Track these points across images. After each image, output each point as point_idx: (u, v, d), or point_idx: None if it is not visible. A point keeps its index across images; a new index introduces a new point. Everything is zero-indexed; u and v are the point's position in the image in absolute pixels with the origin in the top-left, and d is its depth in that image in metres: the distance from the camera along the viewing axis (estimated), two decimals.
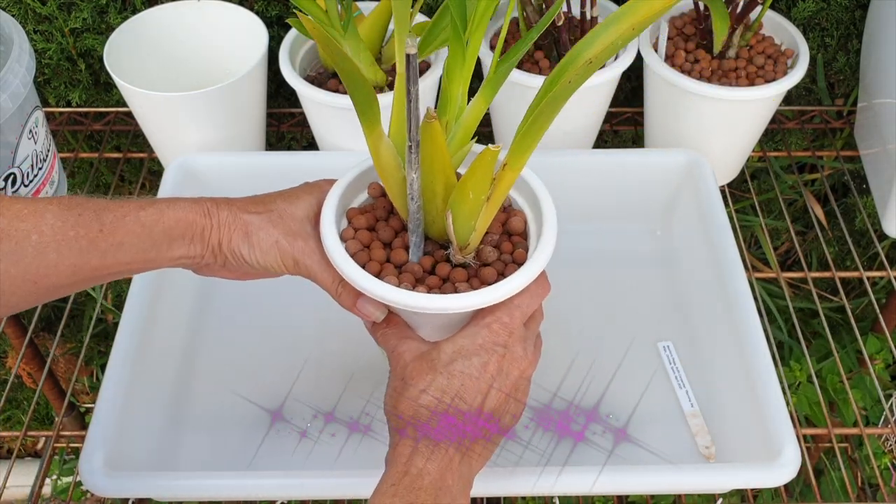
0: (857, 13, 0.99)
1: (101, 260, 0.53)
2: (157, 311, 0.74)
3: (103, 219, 0.53)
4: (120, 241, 0.53)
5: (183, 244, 0.56)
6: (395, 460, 0.52)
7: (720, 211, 0.79)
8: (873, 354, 1.00)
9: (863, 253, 1.15)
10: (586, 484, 0.63)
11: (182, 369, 0.75)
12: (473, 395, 0.53)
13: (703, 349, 0.76)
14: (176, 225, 0.55)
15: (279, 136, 1.08)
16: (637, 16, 0.46)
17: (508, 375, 0.55)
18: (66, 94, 1.04)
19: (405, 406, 0.53)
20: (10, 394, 1.39)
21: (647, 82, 0.92)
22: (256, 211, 0.58)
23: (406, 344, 0.56)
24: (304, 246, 0.57)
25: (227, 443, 0.71)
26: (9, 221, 0.50)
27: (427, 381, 0.53)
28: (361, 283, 0.54)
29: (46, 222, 0.51)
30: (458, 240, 0.56)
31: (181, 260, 0.57)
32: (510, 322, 0.55)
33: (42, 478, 0.82)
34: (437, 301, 0.53)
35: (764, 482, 0.63)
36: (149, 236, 0.54)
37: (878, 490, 1.07)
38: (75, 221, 0.52)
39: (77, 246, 0.52)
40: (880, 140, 0.90)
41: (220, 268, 0.59)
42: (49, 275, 0.51)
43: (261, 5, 0.98)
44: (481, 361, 0.54)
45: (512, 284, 0.54)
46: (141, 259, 0.55)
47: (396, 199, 0.57)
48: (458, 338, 0.55)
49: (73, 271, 0.52)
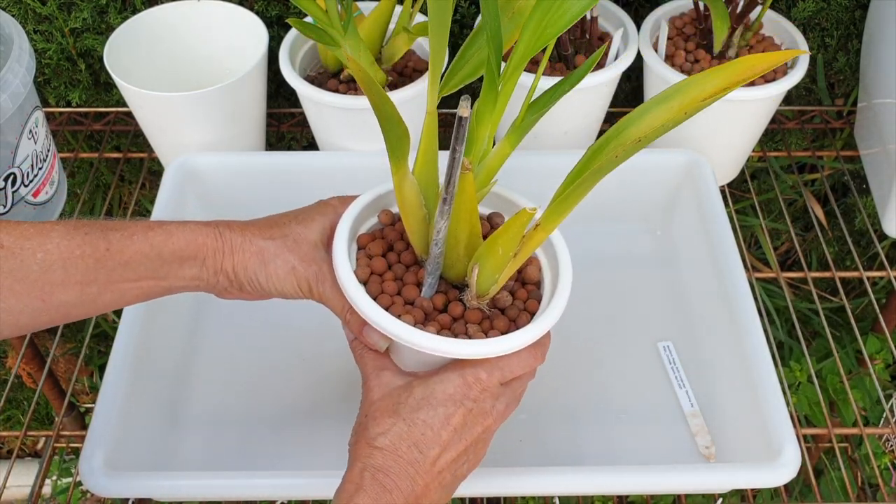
0: (857, 13, 0.99)
1: (108, 278, 0.53)
2: (156, 312, 0.74)
3: (110, 238, 0.53)
4: (127, 260, 0.53)
5: (194, 266, 0.56)
6: (340, 493, 0.51)
7: (720, 211, 0.79)
8: (873, 354, 1.01)
9: (863, 253, 1.15)
10: (586, 484, 0.63)
11: (182, 369, 0.75)
12: (430, 446, 0.53)
13: (703, 349, 0.76)
14: (186, 246, 0.55)
15: (279, 136, 1.08)
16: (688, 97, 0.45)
17: (471, 430, 0.54)
18: (66, 94, 1.04)
19: (361, 445, 0.53)
20: (10, 394, 1.39)
21: (647, 82, 0.92)
22: (271, 236, 0.57)
23: (378, 377, 0.56)
24: (318, 271, 0.57)
25: (226, 443, 0.71)
26: (14, 240, 0.50)
27: (387, 424, 0.53)
28: (370, 314, 0.53)
29: (52, 241, 0.51)
30: (480, 290, 0.55)
31: (193, 281, 0.57)
32: (487, 379, 0.54)
33: (42, 478, 0.82)
34: (443, 344, 0.52)
35: (764, 482, 0.63)
36: (158, 256, 0.54)
37: (878, 490, 1.07)
38: (81, 240, 0.52)
39: (83, 264, 0.52)
40: (880, 140, 0.90)
41: (237, 291, 0.59)
42: (55, 292, 0.51)
43: (261, 5, 0.98)
44: (446, 413, 0.53)
45: (518, 340, 0.54)
46: (151, 278, 0.55)
47: (414, 234, 0.57)
48: (430, 382, 0.54)
49: (81, 289, 0.52)
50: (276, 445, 0.71)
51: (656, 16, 0.92)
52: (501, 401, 0.56)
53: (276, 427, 0.72)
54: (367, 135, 0.86)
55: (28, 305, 0.51)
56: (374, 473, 0.51)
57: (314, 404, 0.73)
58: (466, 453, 0.55)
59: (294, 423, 0.72)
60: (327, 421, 0.72)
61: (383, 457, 0.52)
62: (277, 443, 0.71)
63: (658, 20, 0.91)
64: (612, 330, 0.79)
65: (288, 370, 0.75)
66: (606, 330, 0.79)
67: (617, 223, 0.87)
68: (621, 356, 0.77)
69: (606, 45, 0.88)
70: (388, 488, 0.51)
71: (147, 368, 0.70)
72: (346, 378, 0.74)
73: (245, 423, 0.72)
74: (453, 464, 0.54)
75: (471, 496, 0.64)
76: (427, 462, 0.52)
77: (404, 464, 0.51)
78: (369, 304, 0.54)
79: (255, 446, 0.70)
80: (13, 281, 0.50)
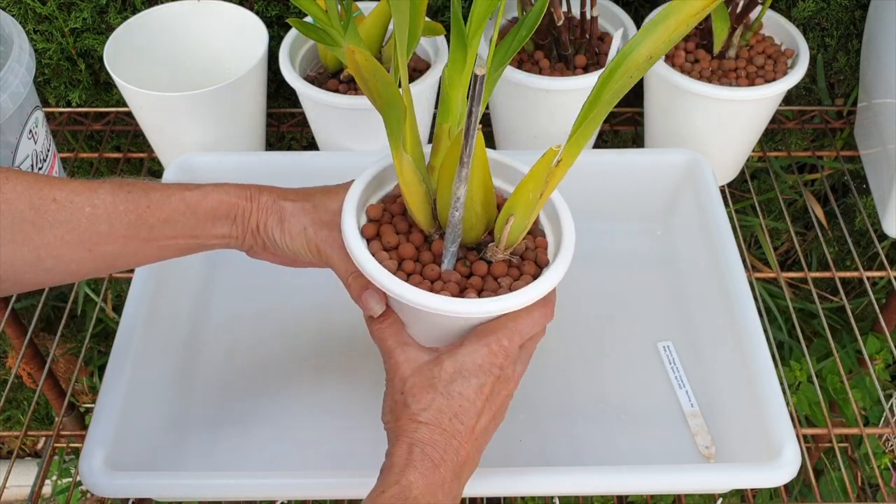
0: (857, 13, 0.99)
1: (149, 233, 0.57)
2: (156, 312, 0.74)
3: (151, 196, 0.57)
4: (166, 217, 0.57)
5: (226, 224, 0.59)
6: (389, 469, 0.53)
7: (720, 211, 0.79)
8: (873, 354, 1.01)
9: (863, 253, 1.15)
10: (586, 484, 0.63)
11: (182, 369, 0.75)
12: (469, 416, 0.55)
13: (703, 349, 0.76)
14: (219, 206, 0.59)
15: (279, 136, 1.08)
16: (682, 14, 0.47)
17: (498, 396, 0.57)
18: (66, 94, 1.04)
19: (405, 422, 0.55)
20: (10, 394, 1.39)
21: (647, 82, 0.92)
22: (294, 199, 0.61)
23: (404, 352, 0.57)
24: (328, 235, 0.59)
25: (227, 443, 0.71)
26: (66, 195, 0.55)
27: (427, 399, 0.55)
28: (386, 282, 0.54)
29: (99, 196, 0.56)
30: (511, 239, 0.56)
31: (225, 239, 0.60)
32: (509, 345, 0.56)
33: (42, 478, 0.82)
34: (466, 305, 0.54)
35: (764, 482, 0.63)
36: (193, 214, 0.58)
37: (878, 490, 1.07)
38: (125, 198, 0.56)
39: (127, 219, 0.56)
40: (880, 140, 0.90)
41: (262, 250, 0.62)
42: (101, 243, 0.56)
43: (261, 5, 0.98)
44: (479, 383, 0.55)
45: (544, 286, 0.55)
46: (187, 234, 0.59)
47: (419, 212, 0.57)
48: (458, 355, 0.56)
49: (125, 242, 0.57)
50: (275, 445, 0.71)
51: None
52: (520, 363, 0.59)
53: (276, 427, 0.72)
54: (367, 135, 0.86)
55: (77, 255, 0.55)
56: (423, 448, 0.53)
57: (314, 404, 0.73)
58: (496, 417, 0.57)
59: (294, 423, 0.72)
60: (327, 421, 0.72)
61: (429, 431, 0.54)
62: (277, 443, 0.71)
63: None
64: (612, 330, 0.79)
65: (288, 370, 0.75)
66: (606, 330, 0.79)
67: (617, 223, 0.87)
68: (621, 356, 0.77)
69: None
70: (436, 462, 0.53)
71: (147, 368, 0.70)
72: (346, 378, 0.74)
73: (245, 423, 0.72)
74: (487, 428, 0.57)
75: (471, 496, 0.64)
76: (467, 431, 0.55)
77: (448, 436, 0.54)
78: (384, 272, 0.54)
79: (255, 446, 0.70)
80: (64, 231, 0.54)
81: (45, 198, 0.54)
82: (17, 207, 0.53)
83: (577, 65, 0.87)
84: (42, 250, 0.54)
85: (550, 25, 0.85)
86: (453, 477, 0.54)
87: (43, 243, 0.54)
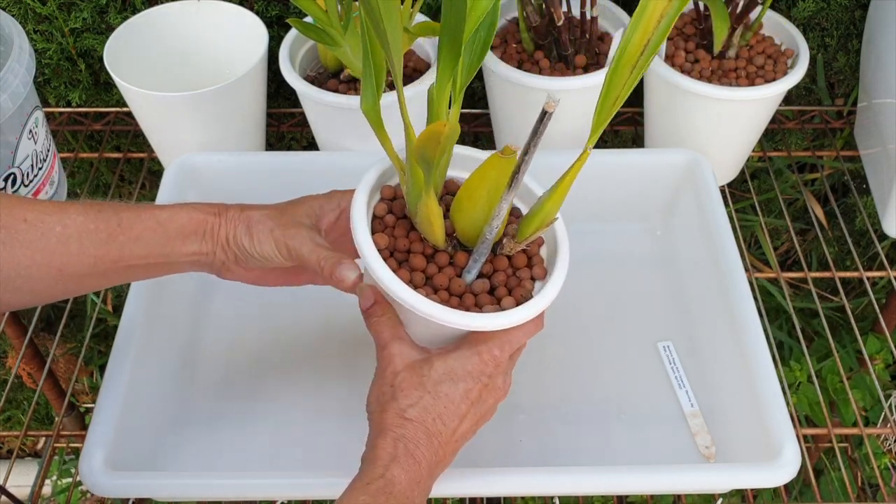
0: (857, 13, 0.99)
1: (119, 252, 0.57)
2: (156, 312, 0.74)
3: (121, 215, 0.58)
4: (137, 235, 0.58)
5: (195, 240, 0.60)
6: (374, 461, 0.54)
7: (720, 211, 0.79)
8: (873, 354, 1.01)
9: (863, 253, 1.15)
10: (586, 484, 0.63)
11: (182, 369, 0.75)
12: (451, 419, 0.56)
13: (703, 349, 0.76)
14: (189, 222, 0.60)
15: (279, 136, 1.08)
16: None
17: (484, 404, 0.58)
18: (66, 94, 1.04)
19: (391, 415, 0.55)
20: (10, 394, 1.39)
21: (647, 82, 0.92)
22: (260, 209, 0.62)
23: (398, 346, 0.58)
24: (296, 232, 0.60)
25: (227, 443, 0.71)
26: (36, 215, 0.55)
27: (415, 396, 0.56)
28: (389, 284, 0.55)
29: (70, 216, 0.56)
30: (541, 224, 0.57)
31: (195, 256, 0.61)
32: (500, 355, 0.58)
33: (42, 478, 0.82)
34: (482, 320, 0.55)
35: (764, 482, 0.63)
36: (164, 233, 0.59)
37: (878, 490, 1.07)
38: (95, 216, 0.57)
39: (97, 238, 0.56)
40: (880, 140, 0.90)
41: (234, 264, 0.62)
42: (72, 263, 0.56)
43: (261, 5, 0.98)
44: (466, 388, 0.57)
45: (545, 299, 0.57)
46: (157, 254, 0.59)
47: (436, 235, 0.58)
48: (449, 358, 0.57)
49: (95, 262, 0.57)
50: (276, 445, 0.71)
51: None
52: (509, 374, 0.60)
53: (276, 427, 0.72)
54: (367, 135, 0.86)
55: (46, 274, 0.56)
56: (407, 445, 0.54)
57: (314, 404, 0.73)
58: (477, 423, 0.59)
59: (294, 423, 0.72)
60: (327, 421, 0.72)
61: (414, 428, 0.55)
62: (277, 443, 0.71)
63: None
64: (612, 330, 0.79)
65: (288, 370, 0.75)
66: (606, 330, 0.79)
67: (617, 223, 0.87)
68: (621, 356, 0.77)
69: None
70: (417, 459, 0.54)
71: (147, 368, 0.70)
72: (346, 379, 0.74)
73: (245, 423, 0.72)
74: (466, 433, 0.58)
75: (471, 496, 0.64)
76: (448, 433, 0.56)
77: (430, 436, 0.55)
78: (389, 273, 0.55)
79: (255, 446, 0.70)
80: (34, 251, 0.55)
81: (16, 217, 0.54)
82: None
83: (577, 65, 0.87)
84: (11, 270, 0.54)
85: (550, 25, 0.85)
86: (428, 475, 0.56)
87: (13, 263, 0.54)
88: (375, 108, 0.54)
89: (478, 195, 0.55)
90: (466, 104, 1.08)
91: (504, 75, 0.84)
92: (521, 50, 0.89)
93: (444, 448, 0.56)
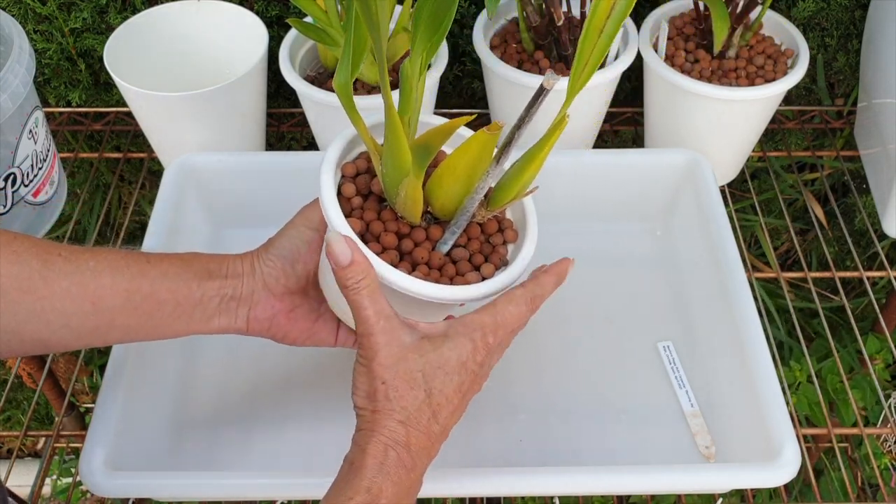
0: (857, 13, 0.99)
1: (150, 287, 0.58)
2: None
3: (148, 254, 0.60)
4: (164, 270, 0.59)
5: (217, 278, 0.60)
6: (360, 470, 0.52)
7: (720, 211, 0.79)
8: (873, 354, 1.01)
9: (863, 253, 1.15)
10: (586, 484, 0.63)
11: (182, 369, 0.75)
12: (445, 416, 0.55)
13: (703, 349, 0.76)
14: (211, 260, 0.61)
15: (279, 136, 1.08)
16: None
17: (471, 392, 0.57)
18: (66, 94, 1.04)
19: (383, 416, 0.53)
20: (10, 394, 1.39)
21: (647, 82, 0.92)
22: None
23: (385, 334, 0.54)
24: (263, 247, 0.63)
25: (226, 443, 0.71)
26: (69, 252, 0.57)
27: (410, 397, 0.53)
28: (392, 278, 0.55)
29: (100, 254, 0.58)
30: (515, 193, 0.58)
31: (223, 290, 0.60)
32: (493, 342, 0.56)
33: (42, 478, 0.83)
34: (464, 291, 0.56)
35: (764, 482, 0.63)
36: (189, 267, 0.60)
37: (878, 490, 1.07)
38: (125, 255, 0.59)
39: (129, 272, 0.58)
40: (880, 140, 0.90)
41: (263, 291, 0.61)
42: (105, 296, 0.57)
43: (261, 5, 0.98)
44: (459, 381, 0.55)
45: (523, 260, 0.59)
46: (185, 289, 0.59)
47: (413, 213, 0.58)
48: (443, 348, 0.55)
49: (127, 296, 0.57)
50: (276, 445, 0.71)
51: (656, 16, 0.92)
52: (496, 356, 0.59)
53: (275, 427, 0.72)
54: None
55: (80, 308, 0.56)
56: (399, 452, 0.53)
57: (315, 404, 0.73)
58: (464, 410, 0.58)
59: (294, 423, 0.72)
60: (327, 421, 0.72)
61: (406, 433, 0.53)
62: (277, 443, 0.71)
63: (658, 20, 0.91)
64: (612, 330, 0.79)
65: (288, 370, 0.75)
66: (606, 330, 0.79)
67: (617, 223, 0.87)
68: (621, 356, 0.77)
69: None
70: (409, 468, 0.53)
71: (147, 368, 0.70)
72: (346, 378, 0.74)
73: (245, 423, 0.72)
74: (455, 422, 0.57)
75: (471, 496, 0.64)
76: (440, 431, 0.55)
77: (424, 438, 0.54)
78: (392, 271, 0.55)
79: (255, 446, 0.70)
80: (70, 283, 0.56)
81: (52, 252, 0.56)
82: (26, 258, 0.54)
83: None
84: (46, 301, 0.55)
85: (550, 25, 0.85)
86: (418, 478, 0.54)
87: (48, 293, 0.55)
88: (348, 86, 0.54)
89: (460, 170, 0.55)
90: (466, 104, 1.08)
91: (504, 75, 0.84)
92: (521, 50, 0.89)
93: (437, 445, 0.56)
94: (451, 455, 0.65)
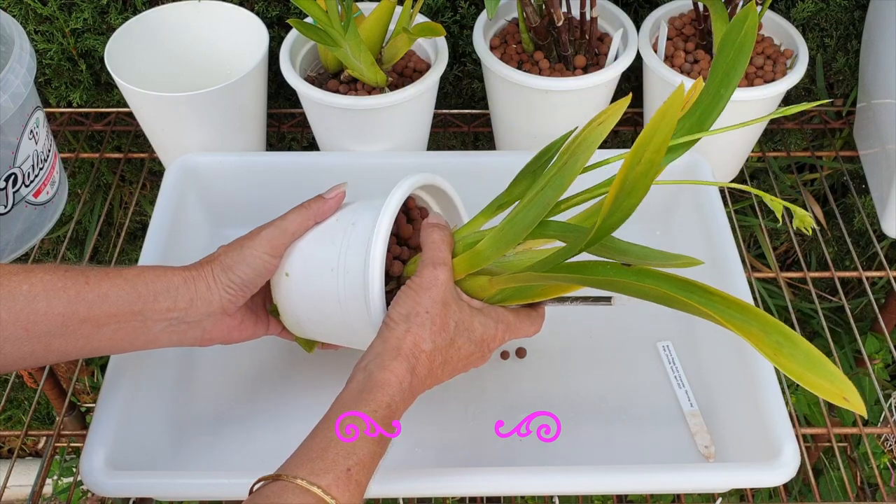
0: (857, 13, 0.99)
1: (88, 310, 0.56)
2: None
3: (88, 274, 0.57)
4: (105, 292, 0.57)
5: (168, 297, 0.60)
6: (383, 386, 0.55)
7: (720, 211, 0.79)
8: (872, 354, 1.01)
9: (862, 253, 1.15)
10: (586, 484, 0.63)
11: (182, 369, 0.75)
12: (448, 370, 0.60)
13: (703, 349, 0.76)
14: (158, 278, 0.60)
15: (279, 137, 1.08)
16: None
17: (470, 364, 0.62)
18: (67, 94, 1.04)
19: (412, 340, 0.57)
20: (11, 393, 1.39)
21: (647, 82, 0.92)
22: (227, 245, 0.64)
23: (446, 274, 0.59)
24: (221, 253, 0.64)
25: (226, 443, 0.71)
26: (4, 276, 0.55)
27: (441, 338, 0.58)
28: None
29: (36, 275, 0.56)
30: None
31: (170, 314, 0.60)
32: (507, 338, 0.62)
33: (43, 477, 0.83)
34: None
35: (763, 482, 0.63)
36: (133, 289, 0.58)
37: (878, 490, 1.07)
38: (63, 275, 0.56)
39: (65, 296, 0.56)
40: (879, 140, 0.90)
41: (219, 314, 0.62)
42: (39, 322, 0.55)
43: (261, 5, 0.98)
44: (470, 350, 0.60)
45: None
46: (128, 312, 0.58)
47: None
48: (478, 316, 0.60)
49: (63, 321, 0.56)
50: (276, 445, 0.71)
51: (656, 16, 0.92)
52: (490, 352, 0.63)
53: (277, 426, 0.72)
54: (367, 135, 0.86)
55: (12, 334, 0.54)
56: (413, 380, 0.56)
57: (315, 403, 0.73)
58: (453, 376, 0.61)
59: (295, 422, 0.72)
60: None
61: (421, 365, 0.57)
62: (277, 443, 0.71)
63: (658, 21, 0.91)
64: (612, 330, 0.79)
65: (289, 369, 0.76)
66: (606, 330, 0.79)
67: None
68: (621, 356, 0.77)
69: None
70: (414, 394, 0.57)
71: (148, 368, 0.70)
72: (346, 378, 0.74)
73: (245, 423, 0.72)
74: (440, 382, 0.60)
75: (471, 496, 0.65)
76: (434, 379, 0.59)
77: (430, 375, 0.58)
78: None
79: (255, 446, 0.71)
80: (1, 310, 0.54)
81: None
82: None
83: (576, 65, 0.87)
84: None
85: (550, 26, 0.85)
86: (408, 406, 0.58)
87: None
88: None
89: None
90: (466, 104, 1.08)
91: (504, 75, 0.84)
92: (521, 50, 0.90)
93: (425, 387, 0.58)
94: (452, 454, 0.65)
